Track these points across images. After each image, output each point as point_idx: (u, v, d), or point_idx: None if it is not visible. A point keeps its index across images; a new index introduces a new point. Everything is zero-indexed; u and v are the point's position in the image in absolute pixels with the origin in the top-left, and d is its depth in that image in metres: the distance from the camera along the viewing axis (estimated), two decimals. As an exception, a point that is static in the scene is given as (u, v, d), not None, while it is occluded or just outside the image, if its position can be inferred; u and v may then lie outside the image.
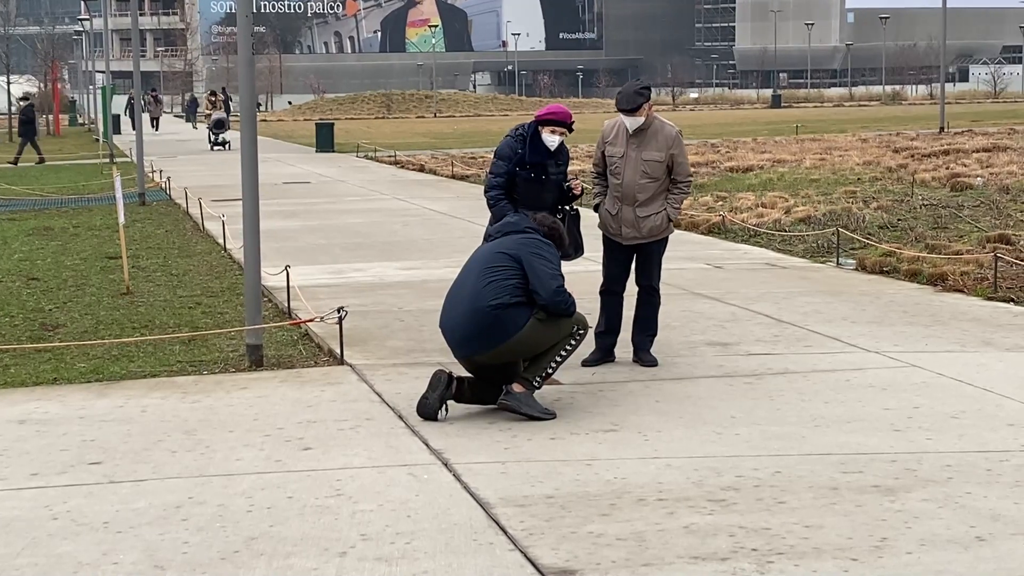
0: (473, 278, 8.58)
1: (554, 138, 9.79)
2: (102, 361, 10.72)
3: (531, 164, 9.78)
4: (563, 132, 9.84)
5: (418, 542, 6.22)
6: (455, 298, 8.69)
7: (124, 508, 6.83)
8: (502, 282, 8.46)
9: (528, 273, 8.49)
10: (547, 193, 9.85)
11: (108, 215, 22.84)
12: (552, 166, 9.86)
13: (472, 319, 8.45)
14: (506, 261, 8.53)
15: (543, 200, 9.78)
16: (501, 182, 9.86)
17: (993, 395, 8.88)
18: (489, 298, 8.42)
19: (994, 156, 31.00)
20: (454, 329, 8.62)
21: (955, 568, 5.75)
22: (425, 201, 25.85)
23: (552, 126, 9.79)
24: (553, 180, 9.89)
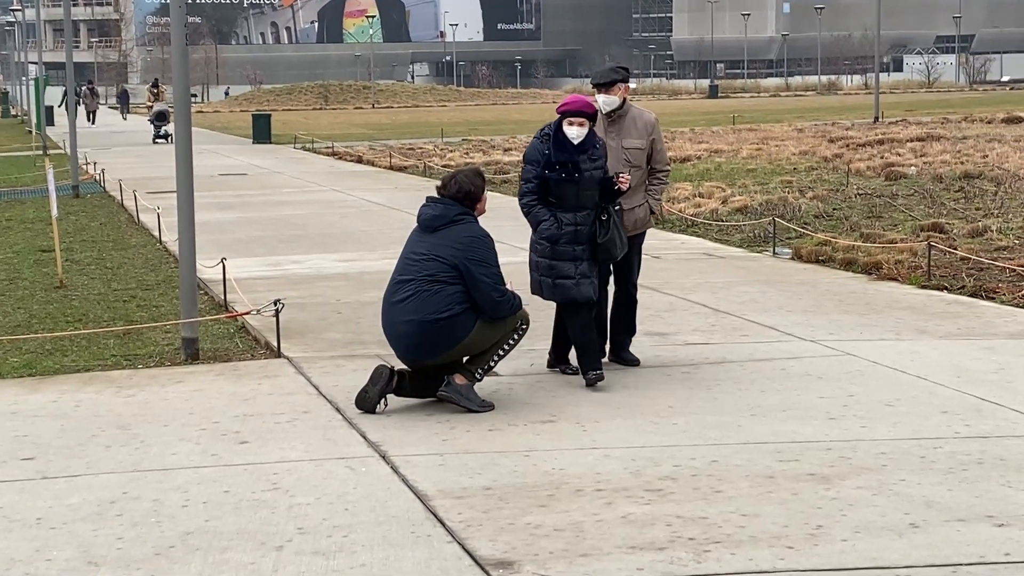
0: (414, 287, 8.41)
1: (575, 131, 8.91)
2: (35, 355, 10.60)
3: (559, 163, 8.91)
4: (584, 122, 8.94)
5: (356, 535, 6.19)
6: (397, 304, 8.50)
7: (57, 504, 6.76)
8: (446, 290, 8.35)
9: (468, 285, 8.36)
10: (585, 191, 8.95)
11: (41, 208, 22.60)
12: (585, 162, 8.93)
13: (419, 330, 8.38)
14: (445, 270, 8.36)
15: (582, 200, 8.96)
16: (533, 187, 9.03)
17: (927, 383, 8.96)
18: (438, 310, 8.31)
19: (928, 145, 31.27)
20: (400, 338, 8.53)
21: (889, 555, 5.79)
22: (363, 192, 25.76)
23: (571, 117, 8.93)
24: (589, 177, 8.94)
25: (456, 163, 31.72)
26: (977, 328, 10.88)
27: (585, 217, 8.95)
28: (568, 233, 8.92)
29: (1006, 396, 8.54)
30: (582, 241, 8.95)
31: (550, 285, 9.00)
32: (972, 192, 21.14)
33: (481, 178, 8.75)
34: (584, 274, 8.93)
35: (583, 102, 9.01)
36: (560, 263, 8.94)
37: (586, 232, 8.96)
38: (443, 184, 8.70)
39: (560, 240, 8.92)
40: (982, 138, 33.21)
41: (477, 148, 38.59)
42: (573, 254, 8.92)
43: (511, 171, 28.39)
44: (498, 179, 27.19)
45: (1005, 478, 6.85)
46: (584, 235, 8.96)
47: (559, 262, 8.94)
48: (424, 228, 8.58)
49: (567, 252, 8.92)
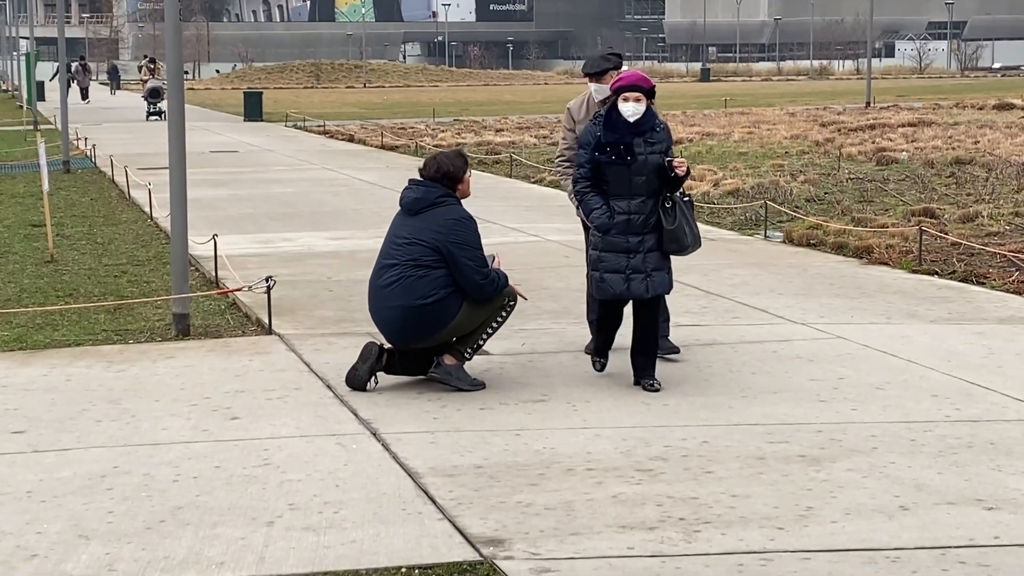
0: (398, 271, 8.40)
1: (631, 107, 8.18)
2: (26, 330, 10.59)
3: (610, 144, 8.17)
4: (641, 98, 8.21)
5: (346, 512, 6.20)
6: (383, 289, 8.49)
7: (48, 477, 6.76)
8: (431, 275, 8.33)
9: (452, 268, 8.34)
10: (638, 177, 8.19)
11: (32, 183, 22.55)
12: (640, 144, 8.19)
13: (405, 315, 8.37)
14: (429, 254, 8.33)
15: (637, 187, 8.22)
16: (586, 173, 8.31)
17: (917, 366, 8.98)
18: (423, 295, 8.31)
19: (919, 131, 31.29)
20: (387, 323, 8.53)
21: (879, 537, 5.81)
22: (354, 171, 25.72)
23: (626, 92, 8.21)
24: (643, 161, 8.19)
25: (448, 143, 31.69)
26: (967, 313, 10.90)
27: (640, 206, 8.22)
28: (620, 223, 8.23)
29: (996, 380, 8.57)
30: (637, 231, 8.24)
31: (598, 279, 8.35)
32: (963, 178, 21.16)
33: (462, 159, 8.69)
34: (637, 269, 8.24)
35: (638, 75, 8.35)
36: (610, 255, 8.28)
37: (641, 222, 8.23)
38: (424, 166, 8.67)
39: (611, 230, 8.25)
40: (973, 124, 33.23)
41: (468, 128, 38.54)
42: (626, 245, 8.24)
43: (502, 152, 28.36)
44: (489, 159, 27.17)
45: (995, 462, 6.87)
46: (639, 225, 8.23)
47: (609, 254, 8.28)
48: (407, 211, 8.55)
49: (619, 243, 8.25)
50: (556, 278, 12.64)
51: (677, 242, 8.27)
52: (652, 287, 8.28)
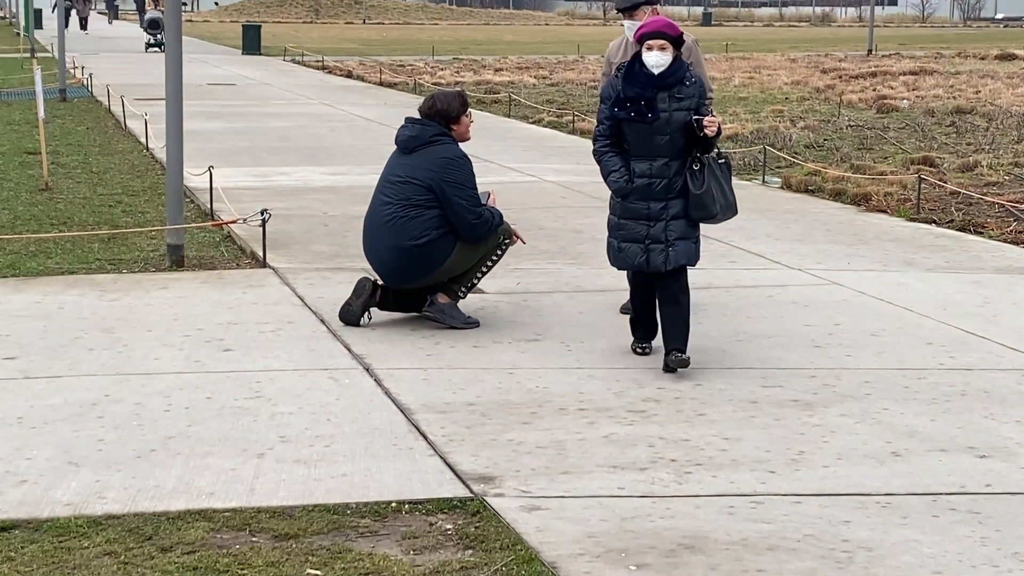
0: (392, 210, 8.35)
1: (656, 56, 7.31)
2: (19, 256, 10.54)
3: (630, 100, 7.33)
4: (666, 46, 7.33)
5: (337, 445, 6.18)
6: (376, 229, 8.46)
7: (39, 404, 6.74)
8: (424, 215, 8.27)
9: (444, 207, 8.28)
10: (660, 136, 7.33)
11: (28, 110, 22.41)
12: (664, 100, 7.33)
13: (399, 256, 8.32)
14: (422, 193, 8.27)
15: (659, 148, 7.36)
16: (605, 131, 7.50)
17: (913, 314, 8.96)
18: (415, 236, 8.26)
19: (920, 79, 31.15)
20: (381, 264, 8.50)
21: (870, 482, 5.80)
22: (352, 107, 25.60)
23: (649, 40, 7.34)
24: (666, 119, 7.33)
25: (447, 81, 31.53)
26: (964, 262, 10.87)
27: (663, 168, 7.36)
28: (641, 187, 7.40)
29: (991, 329, 8.55)
30: (659, 196, 7.39)
31: (615, 248, 7.55)
32: (963, 127, 21.07)
33: (460, 100, 8.58)
34: (656, 238, 7.39)
35: (664, 22, 7.49)
36: (629, 222, 7.46)
37: (664, 187, 7.38)
38: (422, 104, 8.62)
39: (630, 195, 7.44)
40: (975, 74, 33.09)
41: (468, 67, 38.34)
42: (647, 212, 7.40)
43: (501, 91, 28.23)
44: (488, 98, 27.04)
45: (988, 410, 6.86)
46: (661, 190, 7.38)
47: (628, 221, 7.46)
48: (402, 149, 8.49)
49: (639, 209, 7.41)
50: (552, 218, 12.60)
51: (704, 208, 7.39)
52: (672, 258, 7.38)
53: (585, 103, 25.74)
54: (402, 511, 5.42)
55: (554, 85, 31.55)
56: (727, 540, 5.16)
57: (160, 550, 5.00)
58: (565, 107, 24.47)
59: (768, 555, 5.02)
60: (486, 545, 5.08)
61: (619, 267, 7.69)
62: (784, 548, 5.08)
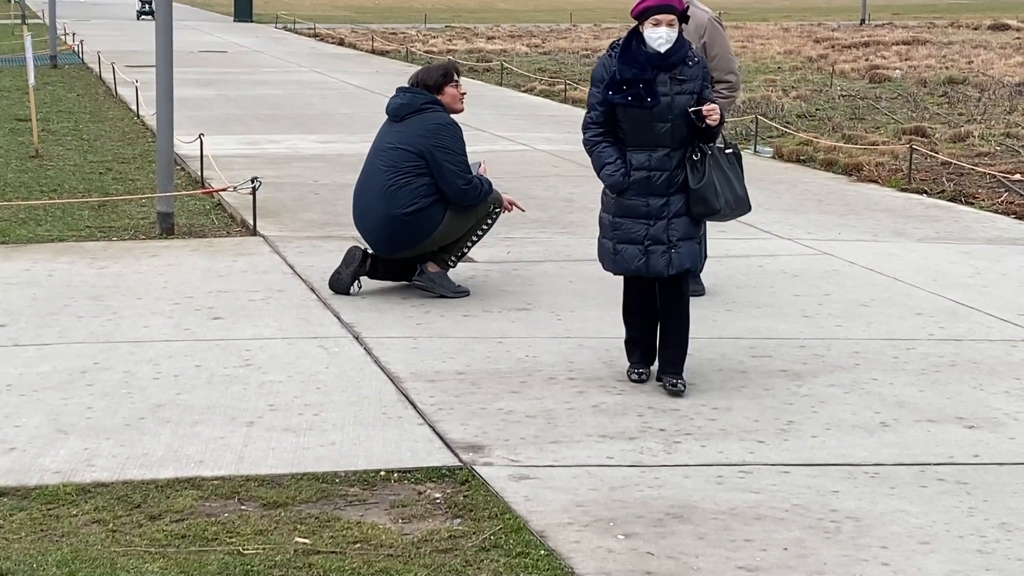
0: (381, 178, 8.33)
1: (662, 32, 6.39)
2: (8, 224, 10.51)
3: (627, 82, 6.40)
4: (673, 21, 6.44)
5: (327, 414, 6.18)
6: (366, 198, 8.45)
7: (28, 372, 6.73)
8: (413, 184, 8.24)
9: (434, 172, 8.25)
10: (661, 124, 6.44)
11: (18, 77, 22.33)
12: (665, 82, 6.43)
13: (389, 224, 8.30)
14: (411, 160, 8.24)
15: (659, 136, 6.46)
16: (597, 117, 6.55)
17: (903, 284, 8.96)
18: (404, 204, 8.23)
19: (913, 49, 31.11)
20: (371, 233, 8.48)
21: (859, 452, 5.81)
22: (343, 75, 25.53)
23: (655, 15, 6.40)
24: (667, 104, 6.42)
25: (439, 49, 31.44)
26: (955, 232, 10.87)
27: (663, 159, 6.47)
28: (639, 181, 6.50)
29: (981, 300, 8.55)
30: (659, 192, 6.50)
31: (610, 251, 6.64)
32: (956, 97, 21.05)
33: (442, 71, 8.52)
34: (657, 239, 6.50)
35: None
36: (626, 221, 6.55)
37: (665, 180, 6.50)
38: (412, 75, 8.63)
39: (627, 190, 6.54)
40: (968, 44, 33.05)
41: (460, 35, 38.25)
42: (645, 210, 6.51)
43: (493, 59, 28.15)
44: (480, 67, 26.97)
45: (977, 381, 6.87)
46: (662, 184, 6.49)
47: (625, 220, 6.55)
48: (392, 117, 8.48)
49: (637, 207, 6.52)
50: (543, 187, 12.58)
51: (705, 203, 6.53)
52: (675, 262, 6.51)
53: (577, 71, 25.69)
54: (391, 480, 5.43)
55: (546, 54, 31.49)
56: (715, 509, 5.17)
57: (149, 518, 5.00)
58: (557, 76, 24.43)
59: (756, 524, 5.03)
60: (475, 514, 5.09)
61: (614, 271, 6.72)
62: (772, 518, 5.09)
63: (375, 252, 8.53)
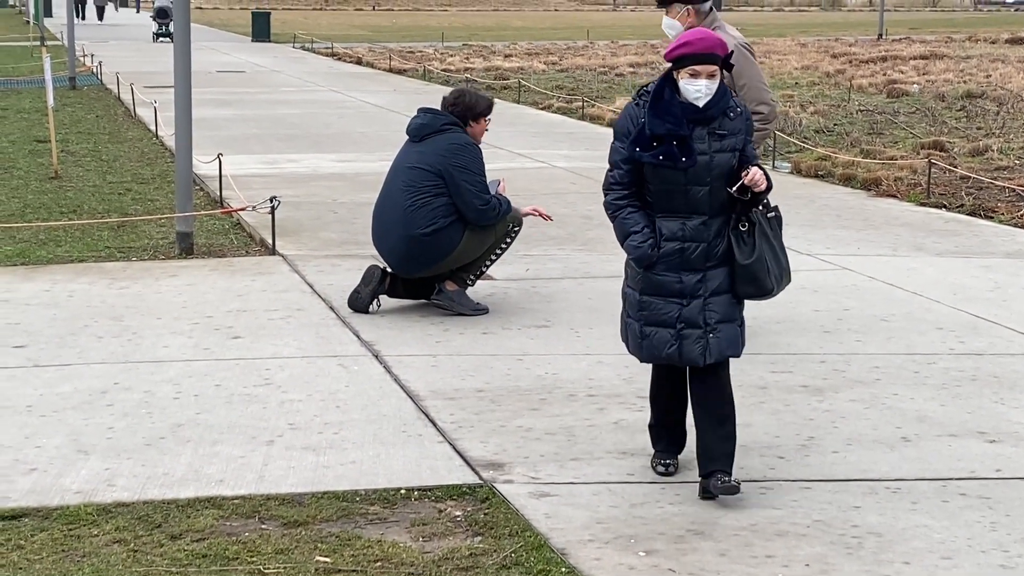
0: (400, 198, 8.35)
1: (700, 85, 5.43)
2: (28, 245, 10.55)
3: (658, 138, 5.45)
4: (715, 72, 5.47)
5: (347, 432, 6.18)
6: (385, 219, 8.47)
7: (48, 392, 6.74)
8: (432, 204, 8.26)
9: (452, 193, 8.28)
10: (698, 187, 5.46)
11: (37, 98, 22.43)
12: (705, 138, 5.47)
13: (407, 245, 8.32)
14: (430, 179, 8.27)
15: (696, 202, 5.48)
16: (621, 176, 5.57)
17: (922, 299, 8.93)
18: (423, 224, 8.25)
19: (931, 64, 31.07)
20: (390, 253, 8.49)
21: (880, 467, 5.79)
22: (361, 94, 25.58)
23: (694, 65, 5.43)
24: (706, 163, 5.45)
25: (456, 68, 31.49)
26: (975, 246, 10.84)
27: (699, 229, 5.50)
28: (671, 254, 5.51)
29: (1001, 314, 8.53)
30: (695, 266, 5.52)
31: (636, 333, 5.66)
32: (974, 111, 21.01)
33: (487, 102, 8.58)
34: (692, 321, 5.51)
35: (714, 39, 5.52)
36: (655, 300, 5.57)
37: (702, 253, 5.51)
38: (449, 94, 8.70)
39: (657, 264, 5.55)
40: (986, 58, 32.99)
41: (477, 53, 38.30)
42: (679, 287, 5.53)
43: (511, 77, 28.19)
44: (498, 85, 27.01)
45: (998, 395, 6.85)
46: (698, 258, 5.51)
47: (654, 299, 5.57)
48: (412, 137, 8.52)
49: (668, 284, 5.54)
50: (562, 204, 12.58)
51: (755, 283, 5.58)
52: (713, 349, 5.53)
53: (595, 89, 25.71)
54: (411, 498, 5.43)
55: (564, 71, 31.51)
56: (736, 526, 5.15)
57: (170, 538, 5.00)
58: (575, 93, 24.44)
59: (777, 541, 5.01)
60: (495, 532, 5.08)
61: (641, 358, 5.74)
62: (794, 534, 5.08)
63: (394, 272, 8.54)
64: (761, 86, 7.58)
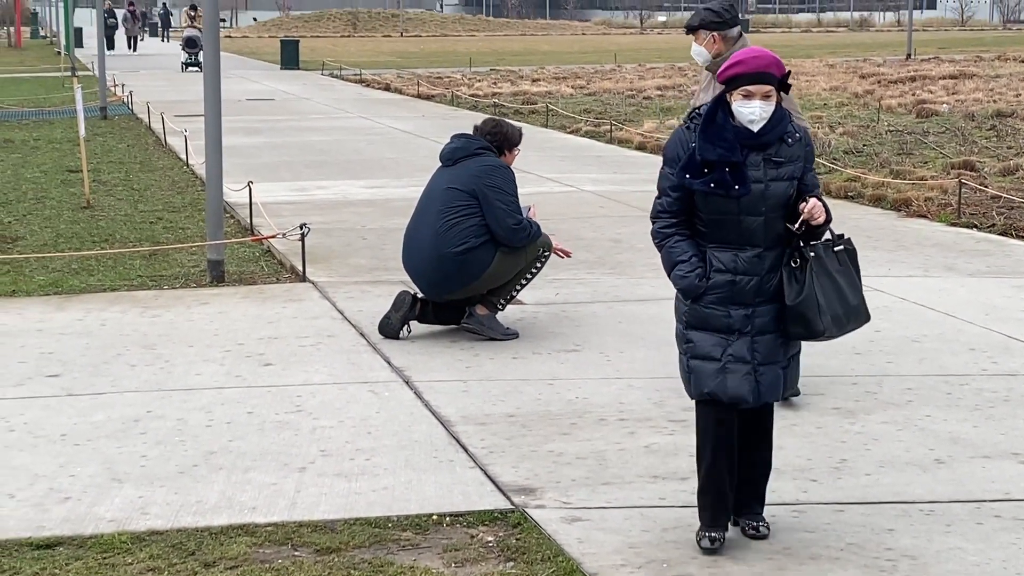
0: (432, 219, 8.40)
1: (754, 107, 5.14)
2: (61, 274, 10.62)
3: (709, 164, 5.15)
4: (771, 93, 5.19)
5: (378, 458, 6.20)
6: (416, 240, 8.52)
7: (82, 421, 6.78)
8: (464, 223, 8.31)
9: (484, 211, 8.33)
10: (752, 218, 5.15)
11: (69, 128, 22.57)
12: (760, 165, 5.17)
13: (439, 265, 8.36)
14: (463, 199, 8.33)
15: (750, 233, 5.16)
16: (670, 204, 5.29)
17: (954, 320, 8.90)
18: (454, 244, 8.29)
19: (960, 83, 30.96)
20: (421, 275, 8.53)
21: (914, 490, 5.77)
22: (390, 120, 25.66)
23: (747, 85, 5.15)
24: (760, 192, 5.14)
25: (484, 93, 31.57)
26: (1006, 266, 10.79)
27: (753, 262, 5.18)
28: (721, 285, 5.20)
29: (1034, 335, 8.49)
30: (745, 300, 5.21)
31: (684, 367, 5.35)
32: (1004, 130, 20.93)
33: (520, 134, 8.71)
34: (739, 357, 5.21)
35: (769, 57, 5.25)
36: (702, 336, 5.27)
37: (754, 287, 5.20)
38: (484, 122, 8.79)
39: (705, 296, 5.24)
40: (1015, 77, 32.87)
41: (505, 78, 38.37)
42: (727, 321, 5.22)
43: (538, 102, 28.25)
44: (525, 109, 27.05)
45: (1031, 416, 6.81)
46: (750, 291, 5.20)
47: (701, 333, 5.27)
48: (445, 162, 8.59)
49: (716, 318, 5.23)
50: (590, 228, 12.59)
51: (804, 323, 5.21)
52: (762, 389, 5.24)
53: (622, 112, 25.73)
54: (443, 524, 5.43)
55: (591, 95, 31.54)
56: (769, 549, 5.14)
57: (203, 565, 5.02)
58: (602, 116, 24.46)
59: (811, 564, 5.00)
60: (528, 557, 5.08)
61: (691, 394, 5.39)
62: (827, 557, 5.06)
63: (424, 294, 8.57)
64: (797, 112, 7.22)
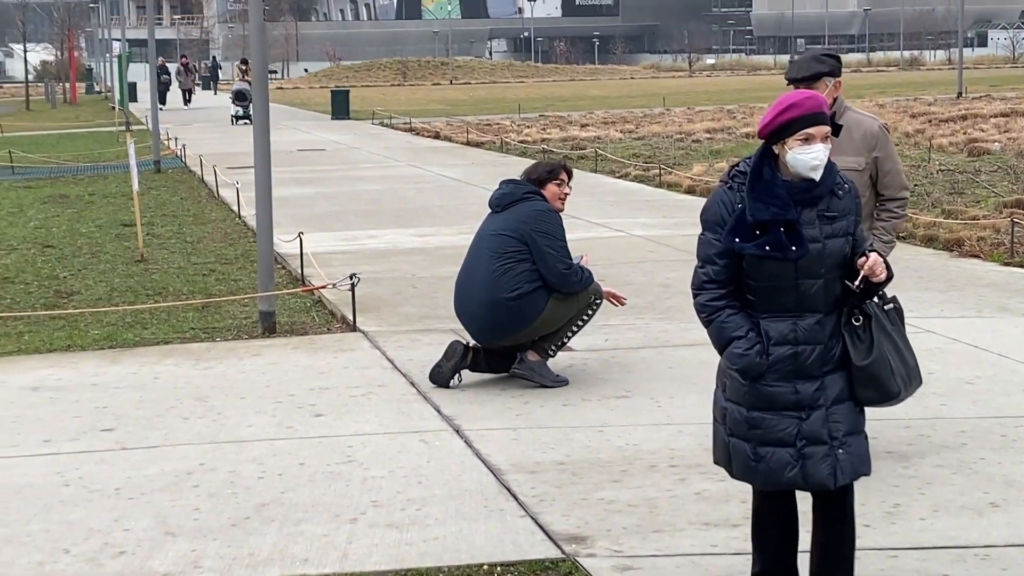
0: (484, 264, 8.45)
1: (816, 151, 4.67)
2: (116, 328, 10.72)
3: (761, 225, 4.66)
4: (828, 136, 4.70)
5: (429, 508, 6.20)
6: (469, 286, 8.56)
7: (136, 474, 6.83)
8: (516, 269, 8.35)
9: (535, 256, 8.37)
10: (810, 280, 4.69)
11: (123, 183, 22.83)
12: (815, 222, 4.71)
13: (491, 311, 8.39)
14: (513, 245, 8.37)
15: (807, 298, 4.70)
16: (716, 273, 4.76)
17: (1008, 361, 8.82)
18: (507, 289, 8.33)
19: (1012, 121, 30.80)
20: (473, 320, 8.56)
21: (969, 534, 5.72)
22: (440, 168, 25.78)
23: (806, 128, 4.67)
24: (818, 252, 4.69)
25: (533, 139, 31.67)
26: (1061, 306, 10.70)
27: (814, 330, 4.72)
28: (782, 360, 4.71)
29: (1090, 375, 8.40)
30: (811, 372, 4.72)
31: (746, 455, 4.79)
32: (1057, 168, 20.80)
33: (548, 168, 8.72)
34: (815, 437, 4.71)
35: (820, 97, 4.75)
36: (768, 416, 4.73)
37: (818, 357, 4.72)
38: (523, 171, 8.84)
39: (766, 374, 4.73)
40: (1068, 114, 32.65)
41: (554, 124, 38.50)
42: (795, 398, 4.71)
43: (587, 147, 28.30)
44: (575, 154, 27.12)
45: (1088, 458, 6.74)
46: (815, 362, 4.72)
47: (766, 415, 4.73)
48: (494, 208, 8.65)
49: (782, 396, 4.72)
50: (640, 273, 12.59)
51: (877, 386, 4.79)
52: (845, 467, 4.75)
53: (671, 155, 25.74)
54: (494, 574, 5.43)
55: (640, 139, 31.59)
56: (822, 596, 5.09)
57: (255, 618, 5.03)
58: (651, 160, 24.49)
59: (864, 611, 4.94)
60: (578, 606, 5.06)
61: (758, 484, 4.90)
62: (881, 604, 5.01)
63: (476, 340, 8.59)
64: (901, 168, 7.04)
